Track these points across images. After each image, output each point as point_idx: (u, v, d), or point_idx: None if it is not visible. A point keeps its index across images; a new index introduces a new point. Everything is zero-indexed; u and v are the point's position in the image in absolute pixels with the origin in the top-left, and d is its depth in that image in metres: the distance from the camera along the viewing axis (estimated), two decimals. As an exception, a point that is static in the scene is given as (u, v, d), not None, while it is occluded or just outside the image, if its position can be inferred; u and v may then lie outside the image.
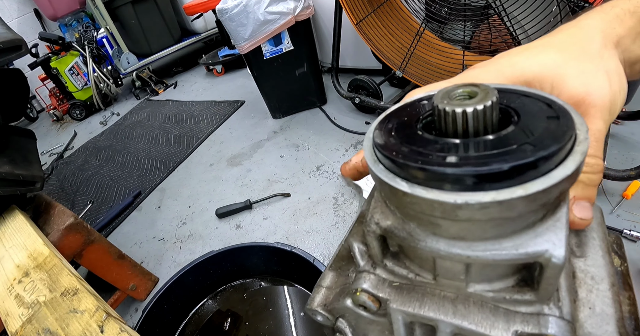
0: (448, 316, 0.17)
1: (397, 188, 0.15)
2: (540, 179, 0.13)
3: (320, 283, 0.26)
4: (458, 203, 0.13)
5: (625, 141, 1.04)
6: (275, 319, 0.78)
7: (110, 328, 0.47)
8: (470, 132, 0.15)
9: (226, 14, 1.29)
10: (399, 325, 0.19)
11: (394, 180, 0.15)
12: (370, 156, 0.17)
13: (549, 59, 0.22)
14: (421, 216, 0.16)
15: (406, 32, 1.20)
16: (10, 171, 0.77)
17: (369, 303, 0.20)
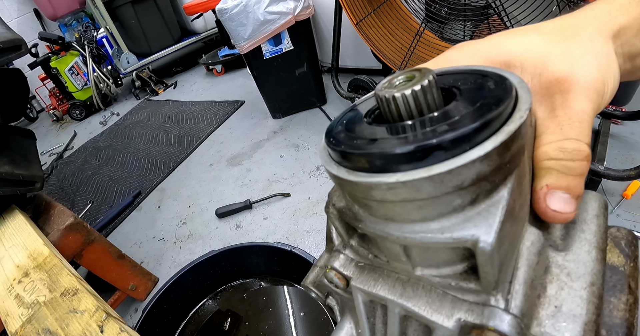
0: (396, 297, 0.18)
1: (328, 170, 0.16)
2: (449, 160, 0.13)
3: (316, 263, 0.27)
4: (366, 183, 0.14)
5: (625, 141, 1.04)
6: (275, 319, 0.78)
7: (110, 328, 0.47)
8: (404, 115, 0.16)
9: (226, 14, 1.29)
10: (358, 302, 0.20)
11: (328, 164, 0.16)
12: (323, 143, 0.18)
13: (532, 40, 0.20)
14: (356, 198, 0.17)
15: (406, 32, 1.20)
16: (10, 171, 0.77)
17: (336, 280, 0.21)
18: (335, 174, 0.15)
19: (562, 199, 0.17)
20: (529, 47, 0.20)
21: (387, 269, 0.19)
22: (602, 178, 0.84)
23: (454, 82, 0.17)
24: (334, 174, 0.16)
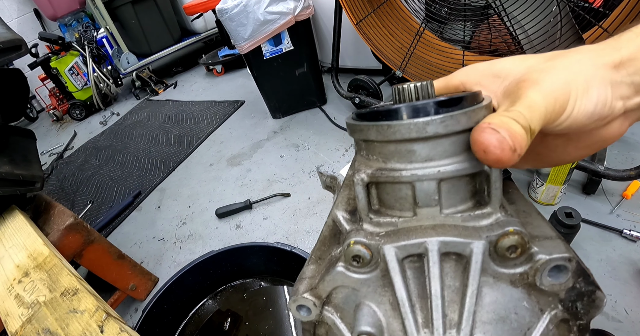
0: (433, 237, 0.21)
1: (384, 124, 0.21)
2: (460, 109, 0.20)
3: (302, 276, 0.27)
4: (426, 120, 0.20)
5: (625, 141, 1.04)
6: (275, 319, 0.78)
7: (110, 328, 0.47)
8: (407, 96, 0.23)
9: (226, 14, 1.29)
10: (393, 262, 0.22)
11: (381, 122, 0.21)
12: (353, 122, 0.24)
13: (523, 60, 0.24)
14: (400, 149, 0.22)
15: (406, 32, 1.20)
16: (10, 171, 0.77)
17: (363, 250, 0.22)
18: (395, 123, 0.21)
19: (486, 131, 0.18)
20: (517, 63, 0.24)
21: (409, 228, 0.23)
22: (602, 178, 0.84)
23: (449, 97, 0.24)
24: (392, 124, 0.21)
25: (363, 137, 0.23)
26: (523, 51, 0.85)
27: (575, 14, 0.74)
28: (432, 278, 0.21)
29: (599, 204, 0.86)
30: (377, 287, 0.23)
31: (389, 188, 0.23)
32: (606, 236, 0.79)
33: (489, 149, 0.18)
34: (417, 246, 0.21)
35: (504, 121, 0.19)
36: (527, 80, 0.21)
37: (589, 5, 0.74)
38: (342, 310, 0.25)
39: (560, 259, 0.20)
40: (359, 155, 0.25)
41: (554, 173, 0.81)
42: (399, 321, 0.22)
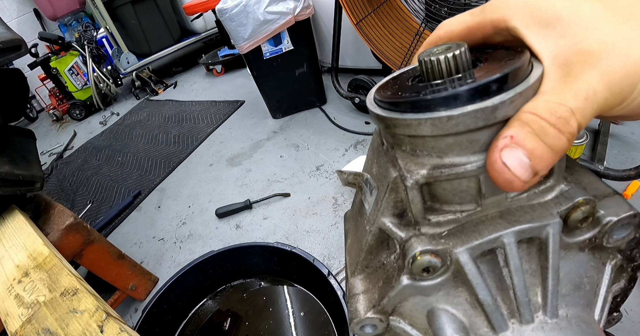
0: (507, 228, 0.19)
1: (444, 115, 0.17)
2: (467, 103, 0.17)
3: (353, 293, 0.26)
4: (495, 103, 0.16)
5: (625, 141, 1.04)
6: (275, 319, 0.78)
7: (110, 328, 0.47)
8: (440, 72, 0.19)
9: (226, 14, 1.29)
10: (469, 265, 0.20)
11: (438, 113, 0.17)
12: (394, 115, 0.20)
13: (589, 5, 0.17)
14: (460, 141, 0.18)
15: (406, 32, 1.20)
16: (10, 171, 0.77)
17: (434, 260, 0.20)
18: (457, 114, 0.17)
19: (519, 160, 0.15)
20: (580, 15, 0.17)
21: (476, 222, 0.21)
22: (602, 177, 0.84)
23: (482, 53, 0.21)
24: (453, 115, 0.17)
25: (411, 133, 0.19)
26: (523, 51, 0.85)
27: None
28: (514, 270, 0.20)
29: (599, 204, 0.86)
30: (449, 289, 0.22)
31: (446, 184, 0.20)
32: None
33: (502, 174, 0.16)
34: (491, 242, 0.20)
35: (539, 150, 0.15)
36: (591, 53, 0.16)
37: (589, 5, 0.74)
38: (411, 317, 0.24)
39: (628, 218, 0.20)
40: (400, 151, 0.21)
41: (554, 173, 0.81)
42: (482, 318, 0.22)
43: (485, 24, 0.21)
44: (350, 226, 0.32)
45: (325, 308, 0.76)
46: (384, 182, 0.23)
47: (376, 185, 0.24)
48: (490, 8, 0.20)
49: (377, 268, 0.26)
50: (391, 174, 0.22)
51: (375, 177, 0.25)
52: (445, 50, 0.19)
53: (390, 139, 0.22)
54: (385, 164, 0.23)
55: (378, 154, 0.25)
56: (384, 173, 0.23)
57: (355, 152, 1.27)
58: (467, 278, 0.21)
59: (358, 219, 0.29)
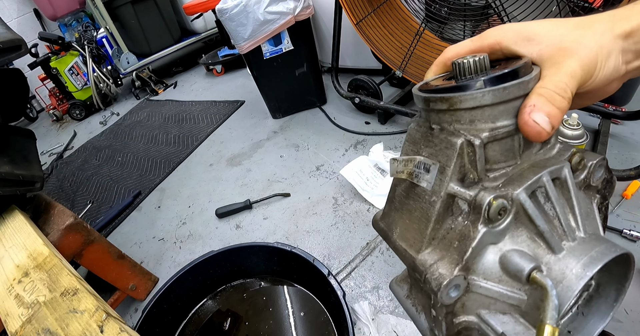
0: (542, 172, 0.27)
1: (501, 86, 0.25)
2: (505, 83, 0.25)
3: (429, 264, 0.29)
4: (528, 78, 0.25)
5: (625, 141, 1.04)
6: (275, 319, 0.78)
7: (110, 328, 0.47)
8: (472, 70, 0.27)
9: (226, 14, 1.29)
10: (527, 201, 0.26)
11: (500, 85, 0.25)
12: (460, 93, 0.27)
13: (553, 26, 0.27)
14: (508, 107, 0.26)
15: (406, 32, 1.20)
16: (10, 171, 0.77)
17: (505, 202, 0.26)
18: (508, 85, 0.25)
19: (542, 118, 0.25)
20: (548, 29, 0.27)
21: (520, 172, 0.28)
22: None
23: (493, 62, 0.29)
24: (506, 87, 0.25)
25: (475, 105, 0.26)
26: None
27: (575, 14, 0.74)
28: (555, 201, 0.28)
29: (599, 204, 0.86)
30: (512, 231, 0.28)
31: (496, 145, 0.27)
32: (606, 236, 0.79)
33: (534, 128, 0.25)
34: (535, 182, 0.27)
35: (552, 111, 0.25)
36: (566, 49, 0.26)
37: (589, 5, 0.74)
38: (484, 271, 0.28)
39: (601, 160, 0.30)
40: (459, 124, 0.28)
41: (554, 173, 0.81)
42: (542, 248, 0.28)
43: (483, 47, 0.30)
44: (395, 218, 0.36)
45: (325, 308, 0.76)
46: (448, 153, 0.28)
47: (433, 162, 0.29)
48: (486, 35, 0.30)
49: (445, 235, 0.30)
50: (457, 142, 0.27)
51: (431, 155, 0.30)
52: (472, 57, 0.28)
53: (447, 119, 0.28)
54: (446, 139, 0.28)
55: (426, 139, 0.31)
56: (445, 145, 0.28)
57: (355, 152, 1.28)
58: (527, 213, 0.27)
59: (409, 204, 0.33)
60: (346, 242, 0.94)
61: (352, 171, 1.07)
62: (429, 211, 0.30)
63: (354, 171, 1.07)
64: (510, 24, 0.29)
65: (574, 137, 0.74)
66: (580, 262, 0.27)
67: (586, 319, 0.33)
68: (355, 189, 1.06)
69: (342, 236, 0.96)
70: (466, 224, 0.28)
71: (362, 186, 1.05)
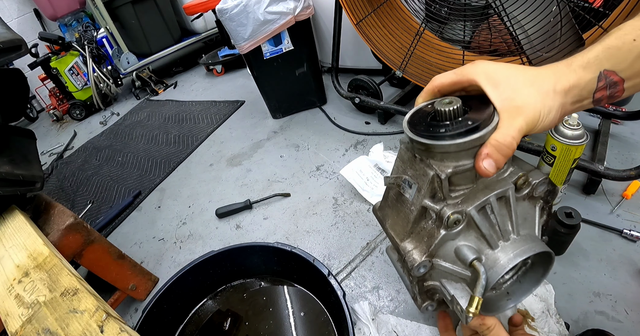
0: (491, 193, 0.39)
1: (463, 141, 0.36)
2: (464, 138, 0.35)
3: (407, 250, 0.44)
4: (482, 134, 0.35)
5: (625, 141, 1.04)
6: (275, 319, 0.78)
7: (110, 328, 0.47)
8: (448, 117, 0.37)
9: (226, 14, 1.29)
10: (476, 216, 0.40)
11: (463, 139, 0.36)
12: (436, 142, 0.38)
13: (514, 76, 0.36)
14: (469, 152, 0.37)
15: (406, 32, 1.20)
16: (10, 171, 0.77)
17: (459, 216, 0.39)
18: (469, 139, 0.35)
19: (490, 164, 0.35)
20: (510, 79, 0.36)
21: (472, 192, 0.40)
22: (602, 177, 0.84)
23: (469, 101, 0.39)
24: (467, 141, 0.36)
25: (445, 151, 0.37)
26: (523, 51, 0.85)
27: (575, 14, 0.74)
28: (497, 214, 0.40)
29: (599, 204, 0.86)
30: (465, 233, 0.41)
31: (459, 175, 0.39)
32: (606, 236, 0.79)
33: (484, 172, 0.36)
34: (484, 201, 0.39)
35: (498, 152, 0.35)
36: (518, 108, 0.35)
37: (589, 5, 0.74)
38: (444, 256, 0.43)
39: (544, 179, 0.42)
40: (432, 160, 0.39)
41: (554, 173, 0.81)
42: (485, 244, 0.41)
43: (463, 80, 0.40)
44: (388, 212, 0.50)
45: (325, 308, 0.76)
46: (424, 179, 0.40)
47: (414, 181, 0.42)
48: (466, 71, 0.39)
49: (420, 232, 0.44)
50: (429, 173, 0.39)
51: (413, 177, 0.43)
52: (448, 104, 0.37)
53: (425, 154, 0.40)
54: (423, 168, 0.41)
55: (412, 163, 0.43)
56: (422, 173, 0.41)
57: (356, 152, 1.28)
58: (475, 223, 0.40)
59: (397, 206, 0.47)
60: (346, 242, 0.94)
61: (352, 171, 1.07)
62: (409, 215, 0.44)
63: (354, 171, 1.07)
64: (484, 65, 0.38)
65: (574, 137, 0.74)
66: (507, 256, 0.40)
67: (521, 285, 0.48)
68: (355, 189, 1.06)
69: (342, 236, 0.96)
70: (433, 227, 0.42)
71: (362, 186, 1.05)
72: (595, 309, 0.66)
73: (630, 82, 0.35)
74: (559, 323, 0.62)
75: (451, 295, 0.43)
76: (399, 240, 0.45)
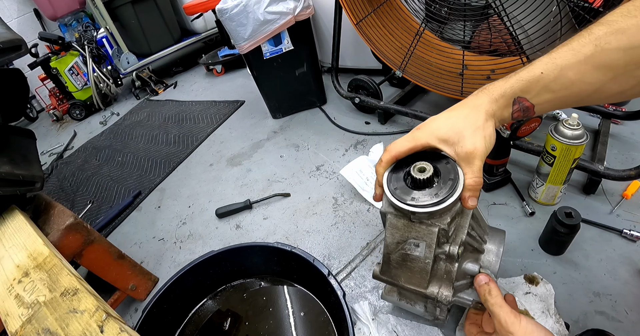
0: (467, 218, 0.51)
1: (444, 206, 0.45)
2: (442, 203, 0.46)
3: (434, 293, 0.52)
4: (454, 199, 0.45)
5: (625, 141, 1.04)
6: (275, 319, 0.78)
7: (110, 328, 0.47)
8: (421, 183, 0.46)
9: (226, 14, 1.29)
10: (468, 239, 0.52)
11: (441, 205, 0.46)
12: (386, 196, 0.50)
13: (455, 126, 0.45)
14: (448, 209, 0.47)
15: (406, 32, 1.20)
16: (10, 171, 0.77)
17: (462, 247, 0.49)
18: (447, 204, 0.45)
19: (473, 200, 0.45)
20: (454, 129, 0.45)
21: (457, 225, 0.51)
22: (602, 177, 0.84)
23: (438, 163, 0.48)
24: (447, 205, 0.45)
25: (432, 212, 0.45)
26: (523, 51, 0.85)
27: (575, 14, 0.74)
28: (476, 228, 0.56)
29: (599, 204, 0.86)
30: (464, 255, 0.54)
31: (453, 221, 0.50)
32: (606, 236, 0.79)
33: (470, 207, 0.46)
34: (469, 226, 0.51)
35: (475, 191, 0.45)
36: (471, 153, 0.44)
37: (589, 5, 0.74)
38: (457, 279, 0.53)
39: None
40: (426, 219, 0.48)
41: (553, 173, 0.81)
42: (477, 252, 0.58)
43: (417, 146, 0.48)
44: (397, 272, 0.55)
45: (325, 308, 0.76)
46: (431, 236, 0.48)
47: (421, 241, 0.49)
48: (417, 137, 0.48)
49: (436, 274, 0.53)
50: (434, 231, 0.47)
51: (417, 237, 0.49)
52: (423, 172, 0.46)
53: (425, 217, 0.47)
54: (426, 228, 0.48)
55: (410, 227, 0.49)
56: (427, 232, 0.48)
57: (355, 153, 1.28)
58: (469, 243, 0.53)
59: (407, 264, 0.53)
60: (346, 242, 0.94)
61: (352, 171, 1.07)
62: (426, 267, 0.50)
63: (354, 171, 1.07)
64: (430, 127, 0.47)
65: (574, 138, 0.74)
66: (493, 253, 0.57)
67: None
68: (355, 189, 1.06)
69: (342, 236, 0.96)
70: (447, 265, 0.51)
71: (362, 186, 1.04)
72: (595, 309, 0.66)
73: (539, 106, 0.43)
74: (559, 323, 0.62)
75: (471, 300, 0.53)
76: (423, 289, 0.52)
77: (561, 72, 0.40)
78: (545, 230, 0.77)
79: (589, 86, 0.39)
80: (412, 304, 0.61)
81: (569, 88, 0.40)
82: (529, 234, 0.82)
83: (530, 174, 0.96)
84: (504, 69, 0.96)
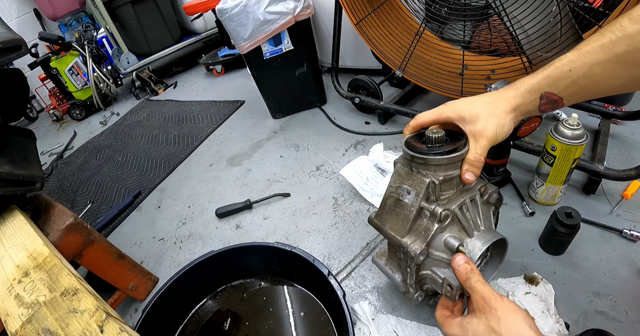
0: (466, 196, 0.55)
1: (451, 156, 0.51)
2: (451, 154, 0.50)
3: (408, 244, 0.55)
4: (463, 152, 0.51)
5: (625, 141, 1.04)
6: (275, 319, 0.78)
7: (110, 328, 0.47)
8: (438, 141, 0.53)
9: (226, 14, 1.29)
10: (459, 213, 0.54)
11: (451, 155, 0.51)
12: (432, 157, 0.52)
13: (474, 109, 0.50)
14: (456, 165, 0.52)
15: (406, 32, 1.20)
16: (10, 171, 0.77)
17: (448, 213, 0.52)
18: (456, 155, 0.50)
19: (470, 175, 0.51)
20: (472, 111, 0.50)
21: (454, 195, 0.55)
22: (602, 177, 0.84)
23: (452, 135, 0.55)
24: (456, 156, 0.50)
25: (437, 163, 0.50)
26: (523, 51, 0.85)
27: (575, 14, 0.74)
28: (471, 211, 0.55)
29: (599, 204, 0.86)
30: (450, 226, 0.54)
31: (446, 183, 0.53)
32: (606, 236, 0.79)
33: (467, 181, 0.51)
34: (463, 202, 0.54)
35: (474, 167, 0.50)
36: (480, 132, 0.49)
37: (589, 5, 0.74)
38: (435, 246, 0.55)
39: (495, 189, 0.58)
40: (427, 170, 0.52)
41: (553, 173, 0.81)
42: (464, 234, 0.55)
43: (440, 118, 0.54)
44: (386, 217, 0.60)
45: (325, 308, 0.76)
46: (421, 185, 0.52)
47: (413, 189, 0.54)
48: (442, 110, 0.54)
49: (417, 228, 0.55)
50: (426, 181, 0.51)
51: (411, 185, 0.54)
52: (436, 133, 0.52)
53: (422, 167, 0.52)
54: (420, 178, 0.53)
55: (409, 175, 0.55)
56: (420, 181, 0.53)
57: (355, 152, 1.28)
58: (457, 218, 0.54)
59: (396, 210, 0.58)
60: (346, 242, 0.94)
61: (352, 171, 1.07)
62: (409, 215, 0.55)
63: (354, 171, 1.07)
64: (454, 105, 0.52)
65: (574, 137, 0.74)
66: (480, 242, 0.53)
67: (484, 273, 0.61)
68: (355, 189, 1.06)
69: (342, 236, 0.96)
70: (428, 223, 0.54)
71: (362, 186, 1.05)
72: (595, 309, 0.66)
73: (567, 98, 0.46)
74: (559, 323, 0.62)
75: (442, 278, 0.55)
76: (400, 237, 0.56)
77: (590, 70, 0.41)
78: (545, 230, 0.77)
79: (618, 80, 0.41)
80: (393, 272, 0.65)
81: (597, 83, 0.42)
82: (529, 234, 0.82)
83: (530, 174, 0.96)
84: (504, 69, 0.96)
